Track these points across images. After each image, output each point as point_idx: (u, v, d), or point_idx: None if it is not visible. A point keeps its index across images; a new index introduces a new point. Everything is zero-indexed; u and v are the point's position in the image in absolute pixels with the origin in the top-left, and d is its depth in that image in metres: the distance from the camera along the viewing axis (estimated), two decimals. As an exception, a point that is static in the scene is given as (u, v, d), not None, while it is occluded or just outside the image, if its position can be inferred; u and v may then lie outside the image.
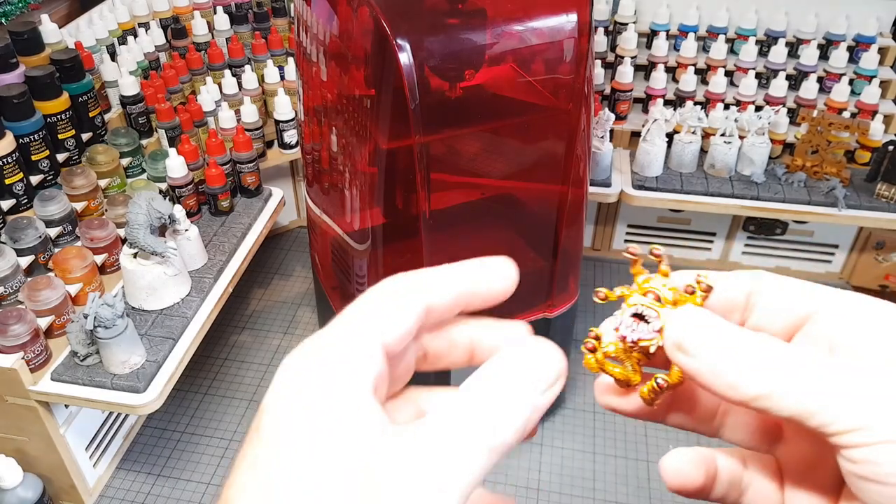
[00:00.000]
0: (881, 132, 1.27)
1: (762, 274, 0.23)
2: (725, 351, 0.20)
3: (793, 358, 0.19)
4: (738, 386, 0.19)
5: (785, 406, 0.19)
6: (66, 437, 0.93)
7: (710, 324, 0.21)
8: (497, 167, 0.91)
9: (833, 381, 0.18)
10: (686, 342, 0.20)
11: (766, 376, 0.19)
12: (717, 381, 0.20)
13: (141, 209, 0.89)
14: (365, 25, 0.79)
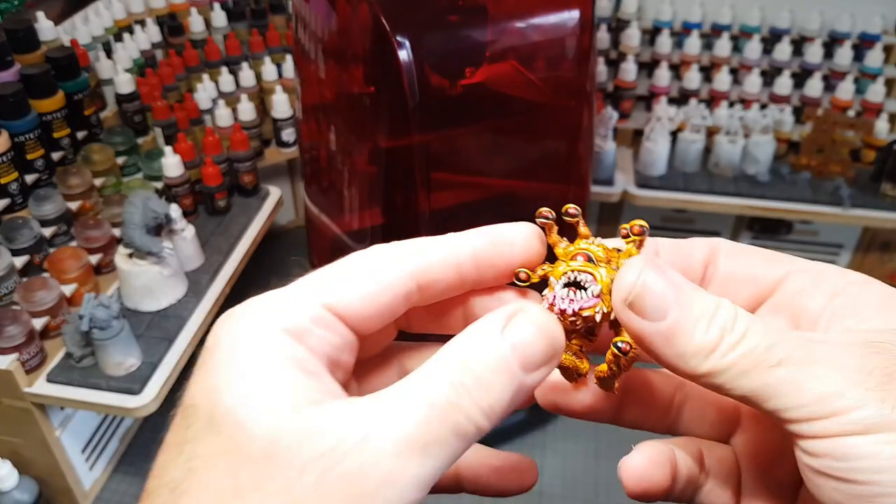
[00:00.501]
0: (886, 131, 1.25)
1: (719, 241, 0.21)
2: (681, 312, 0.17)
3: (756, 332, 0.17)
4: (690, 358, 0.17)
5: (738, 385, 0.17)
6: (62, 440, 0.92)
7: (666, 278, 0.18)
8: (498, 166, 0.89)
9: (793, 359, 0.16)
10: (638, 298, 0.18)
11: (724, 349, 0.17)
12: (667, 349, 0.17)
13: (137, 209, 0.88)
14: (364, 22, 0.77)
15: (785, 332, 0.17)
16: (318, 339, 0.18)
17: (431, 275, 0.19)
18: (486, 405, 0.16)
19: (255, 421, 0.16)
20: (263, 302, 0.18)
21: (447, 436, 0.16)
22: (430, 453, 0.16)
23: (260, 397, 0.16)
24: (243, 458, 0.15)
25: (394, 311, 0.19)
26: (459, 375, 0.16)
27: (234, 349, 0.17)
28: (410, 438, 0.16)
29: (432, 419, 0.16)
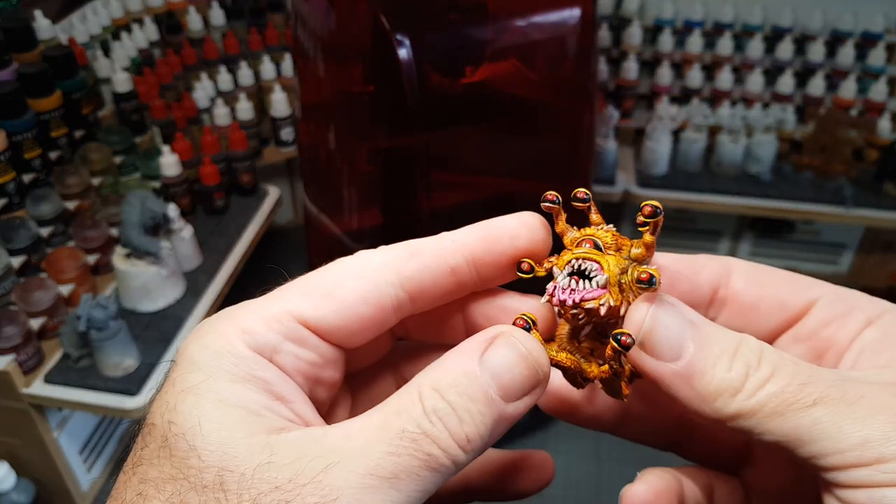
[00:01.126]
0: (889, 130, 1.25)
1: (732, 261, 0.19)
2: (699, 349, 0.16)
3: (786, 370, 0.15)
4: (714, 400, 0.16)
5: (770, 429, 0.15)
6: (60, 441, 0.92)
7: (678, 314, 0.16)
8: (499, 166, 0.89)
9: (831, 399, 0.15)
10: (649, 337, 0.16)
11: (752, 389, 0.15)
12: (688, 390, 0.16)
13: (134, 208, 0.87)
14: (363, 20, 0.77)
15: (818, 370, 0.16)
16: (290, 358, 0.17)
17: (422, 282, 0.18)
18: (462, 437, 0.15)
19: (207, 448, 0.15)
20: (233, 316, 0.17)
21: (418, 468, 0.15)
22: (398, 487, 0.15)
23: (215, 422, 0.15)
24: (193, 486, 0.14)
25: (381, 323, 0.18)
26: (433, 403, 0.15)
27: (196, 368, 0.16)
28: (377, 471, 0.15)
29: (402, 450, 0.15)
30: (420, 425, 0.15)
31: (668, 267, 0.19)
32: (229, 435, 0.15)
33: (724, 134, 1.24)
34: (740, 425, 0.15)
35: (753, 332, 0.18)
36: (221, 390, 0.16)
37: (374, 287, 0.18)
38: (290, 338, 0.17)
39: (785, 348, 0.18)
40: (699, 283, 0.19)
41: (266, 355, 0.17)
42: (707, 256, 0.19)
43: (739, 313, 0.19)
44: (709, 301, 0.19)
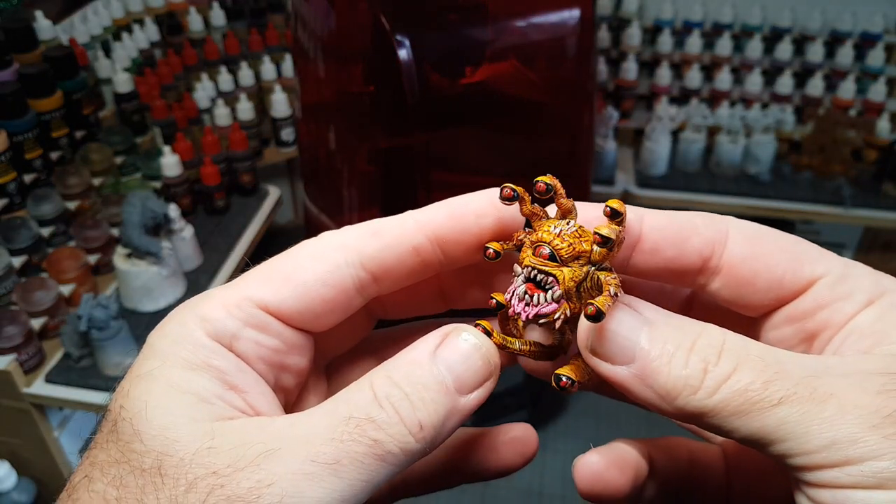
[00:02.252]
0: (888, 131, 1.25)
1: (728, 225, 0.17)
2: (652, 348, 0.15)
3: (749, 365, 0.14)
4: (673, 399, 0.15)
5: (735, 428, 0.14)
6: (61, 440, 0.92)
7: (630, 315, 0.15)
8: (498, 165, 0.89)
9: (797, 397, 0.14)
10: (599, 343, 0.16)
11: (712, 386, 0.14)
12: (646, 391, 0.15)
13: (135, 208, 0.88)
14: (363, 21, 0.77)
15: (786, 363, 0.15)
16: (251, 345, 0.17)
17: (384, 262, 0.18)
18: (414, 422, 0.15)
19: (150, 432, 0.15)
20: (195, 304, 0.17)
21: (362, 455, 0.14)
22: (340, 474, 0.14)
23: (160, 408, 0.15)
24: (133, 470, 0.15)
25: (344, 305, 0.18)
26: (385, 391, 0.15)
27: (153, 355, 0.16)
28: (318, 457, 0.14)
29: (346, 436, 0.15)
30: (367, 412, 0.15)
31: (655, 230, 0.18)
32: (173, 420, 0.15)
33: (724, 134, 1.24)
34: (705, 423, 0.15)
35: (746, 305, 0.18)
36: (173, 377, 0.16)
37: (334, 268, 0.17)
38: (251, 324, 0.17)
39: (775, 326, 0.18)
40: (686, 251, 0.17)
41: (225, 343, 0.16)
42: (703, 217, 0.18)
43: (732, 285, 0.17)
44: (698, 269, 0.18)
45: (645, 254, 0.18)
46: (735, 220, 0.18)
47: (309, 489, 0.14)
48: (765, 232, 0.18)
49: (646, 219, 0.18)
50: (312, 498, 0.14)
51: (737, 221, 0.18)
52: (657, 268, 0.18)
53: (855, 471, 0.13)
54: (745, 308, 0.18)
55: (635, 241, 0.18)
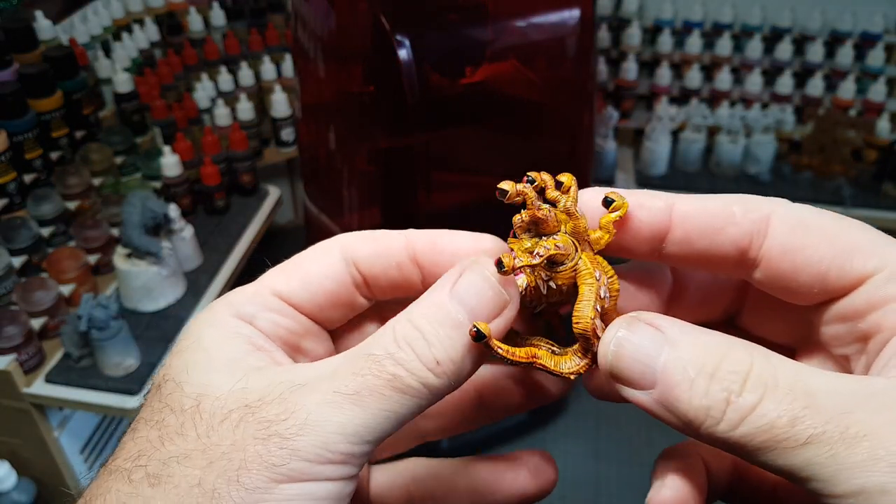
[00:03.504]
0: (888, 131, 1.25)
1: (773, 207, 0.16)
2: (673, 372, 0.14)
3: (776, 397, 0.13)
4: (697, 428, 0.14)
5: (763, 462, 0.13)
6: (61, 440, 0.92)
7: (653, 338, 0.15)
8: (498, 166, 0.89)
9: (826, 437, 0.13)
10: (617, 369, 0.15)
11: (735, 419, 0.13)
12: (672, 418, 0.14)
13: (135, 208, 0.88)
14: (363, 20, 0.77)
15: (818, 394, 0.13)
16: (267, 322, 0.19)
17: (373, 267, 0.19)
18: (430, 358, 0.16)
19: (190, 382, 0.17)
20: (224, 297, 0.19)
21: (382, 388, 0.15)
22: (361, 404, 0.15)
23: (199, 366, 0.17)
24: (173, 411, 0.16)
25: (347, 300, 0.19)
26: (403, 332, 0.16)
27: (189, 335, 0.18)
28: (340, 388, 0.15)
29: (366, 370, 0.16)
30: (386, 349, 0.16)
31: (687, 219, 0.17)
32: (211, 372, 0.17)
33: (724, 134, 1.24)
34: (733, 453, 0.14)
35: (791, 297, 0.16)
36: (208, 344, 0.18)
37: (334, 262, 0.19)
38: (267, 307, 0.19)
39: (828, 322, 0.16)
40: (720, 242, 0.16)
41: (246, 321, 0.18)
42: (742, 203, 0.16)
43: (774, 278, 0.16)
44: (735, 261, 0.16)
45: (676, 244, 0.17)
46: (781, 203, 0.16)
47: (332, 415, 0.15)
48: (812, 219, 0.16)
49: (677, 206, 0.17)
50: (335, 422, 0.15)
51: (782, 205, 0.16)
52: (691, 258, 0.17)
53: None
54: (793, 299, 0.16)
55: (665, 232, 0.17)
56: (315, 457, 0.15)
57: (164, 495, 0.15)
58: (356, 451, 0.15)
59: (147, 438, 0.16)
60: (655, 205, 0.17)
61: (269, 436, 0.15)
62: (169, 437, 0.16)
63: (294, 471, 0.15)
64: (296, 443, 0.15)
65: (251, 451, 0.15)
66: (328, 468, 0.15)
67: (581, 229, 0.18)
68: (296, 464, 0.15)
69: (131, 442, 0.16)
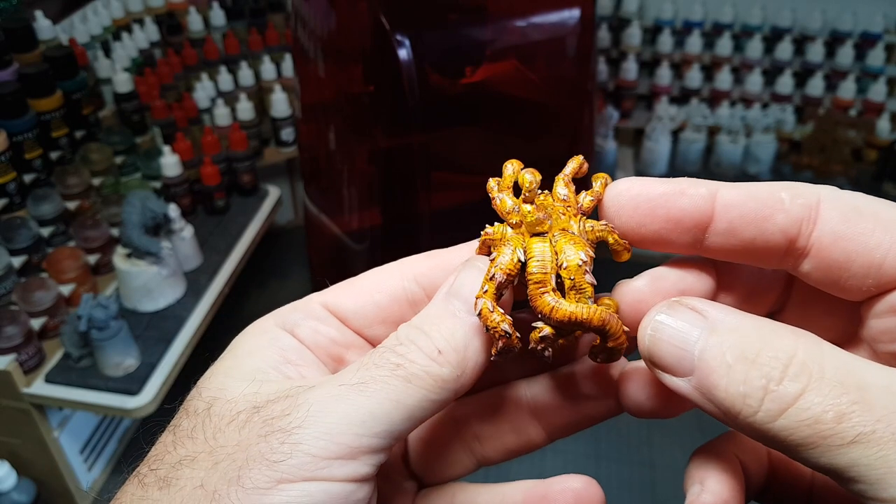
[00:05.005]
0: (888, 131, 1.25)
1: (820, 193, 0.15)
2: (711, 358, 0.13)
3: (822, 389, 0.12)
4: (735, 417, 0.13)
5: (803, 459, 0.13)
6: (61, 441, 0.92)
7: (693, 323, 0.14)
8: (498, 166, 0.89)
9: (876, 436, 0.12)
10: (654, 355, 0.14)
11: (774, 410, 0.13)
12: (709, 406, 0.14)
13: (135, 208, 0.88)
14: (363, 21, 0.77)
15: (870, 388, 0.12)
16: (308, 330, 0.19)
17: (434, 279, 0.19)
18: (431, 349, 0.16)
19: (207, 387, 0.17)
20: (279, 309, 0.20)
21: (386, 376, 0.16)
22: (366, 392, 0.15)
23: (221, 374, 0.17)
24: (188, 415, 0.17)
25: (397, 314, 0.19)
26: (405, 332, 0.17)
27: (233, 342, 0.19)
28: (346, 381, 0.16)
29: (370, 363, 0.16)
30: (390, 344, 0.17)
31: (731, 207, 0.15)
32: (230, 378, 0.17)
33: (724, 134, 1.24)
34: (772, 446, 0.13)
35: (842, 289, 0.15)
36: (240, 353, 0.18)
37: (389, 276, 0.19)
38: (311, 316, 0.19)
39: (878, 315, 0.15)
40: (768, 231, 0.15)
41: (288, 329, 0.19)
42: (791, 189, 0.15)
43: (824, 268, 0.15)
44: (783, 251, 0.15)
45: (720, 235, 0.16)
46: (831, 189, 0.15)
47: (336, 405, 0.15)
48: (866, 204, 0.15)
49: (721, 194, 0.16)
50: (339, 412, 0.15)
51: (832, 192, 0.15)
52: (735, 249, 0.16)
53: None
54: (842, 293, 0.15)
55: (707, 222, 0.16)
56: (319, 450, 0.14)
57: (169, 498, 0.15)
58: (364, 444, 0.15)
59: (163, 443, 0.17)
60: (698, 192, 0.15)
61: (271, 432, 0.15)
62: (181, 441, 0.16)
63: (297, 467, 0.14)
64: (298, 436, 0.14)
65: (254, 449, 0.15)
66: (335, 465, 0.14)
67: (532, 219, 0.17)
68: (299, 459, 0.14)
69: (153, 447, 0.17)
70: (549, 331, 0.16)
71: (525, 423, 0.20)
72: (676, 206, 0.16)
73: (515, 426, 0.20)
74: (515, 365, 0.20)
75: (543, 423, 0.20)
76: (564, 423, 0.20)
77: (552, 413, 0.20)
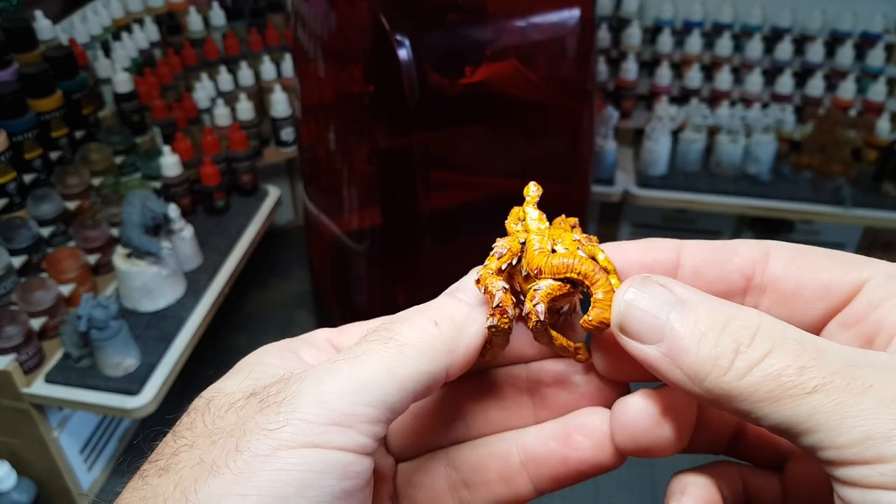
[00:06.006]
0: (888, 131, 1.25)
1: (770, 245, 0.17)
2: (683, 326, 0.15)
3: (785, 349, 0.14)
4: (702, 380, 0.14)
5: (766, 415, 0.14)
6: (60, 441, 0.92)
7: (664, 296, 0.15)
8: (498, 166, 0.89)
9: (834, 386, 0.13)
10: (626, 320, 0.16)
11: (743, 368, 0.14)
12: (674, 372, 0.15)
13: (135, 208, 0.88)
14: (363, 21, 0.77)
15: (826, 350, 0.14)
16: (310, 356, 0.19)
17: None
18: (425, 320, 0.17)
19: (209, 390, 0.18)
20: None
21: (380, 349, 0.16)
22: (359, 364, 0.16)
23: (222, 379, 0.18)
24: (188, 412, 0.17)
25: None
26: (401, 314, 0.18)
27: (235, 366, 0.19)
28: (340, 357, 0.16)
29: (363, 340, 0.17)
30: (385, 324, 0.17)
31: (695, 254, 0.18)
32: (230, 378, 0.18)
33: (724, 134, 1.24)
34: (735, 408, 0.14)
35: (798, 321, 0.17)
36: (244, 366, 0.19)
37: None
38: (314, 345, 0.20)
39: (832, 336, 0.17)
40: (728, 271, 0.17)
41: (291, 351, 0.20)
42: (743, 242, 0.18)
43: (781, 301, 0.17)
44: (743, 289, 0.17)
45: (687, 279, 0.18)
46: (776, 242, 0.18)
47: (329, 377, 0.15)
48: (807, 247, 0.18)
49: (685, 247, 0.18)
50: (332, 382, 0.15)
51: (778, 242, 0.18)
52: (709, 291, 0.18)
53: (889, 469, 0.12)
54: (800, 324, 0.17)
55: (674, 269, 0.18)
56: (314, 416, 0.15)
57: (168, 481, 0.15)
58: (358, 412, 0.15)
59: (165, 441, 0.17)
60: (664, 245, 0.18)
61: (267, 406, 0.15)
62: (180, 434, 0.17)
63: (294, 434, 0.14)
64: (293, 405, 0.15)
65: (251, 423, 0.15)
66: (331, 431, 0.15)
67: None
68: (295, 426, 0.15)
69: (157, 445, 0.17)
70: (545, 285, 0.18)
71: (514, 474, 0.20)
72: (650, 257, 0.18)
73: (505, 476, 0.20)
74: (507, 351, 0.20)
75: (532, 474, 0.20)
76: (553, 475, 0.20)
77: (541, 464, 0.20)
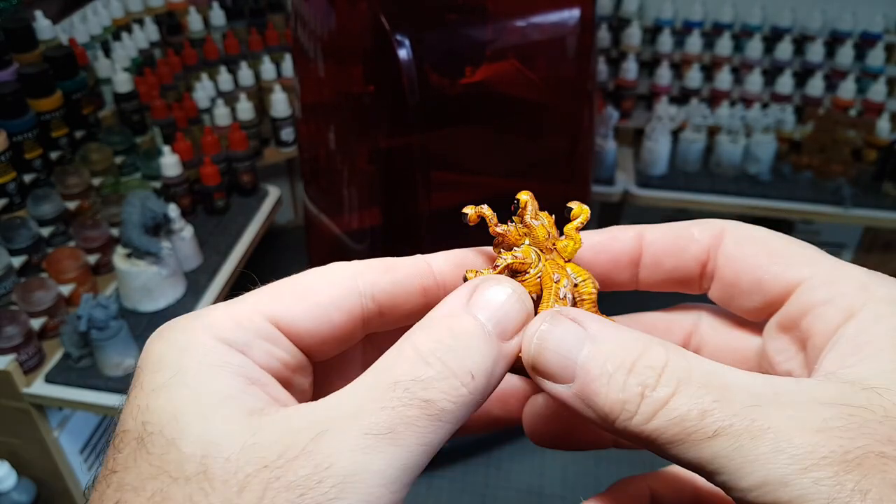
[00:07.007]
0: (888, 130, 1.25)
1: (724, 226, 0.17)
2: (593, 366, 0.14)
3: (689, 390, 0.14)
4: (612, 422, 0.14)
5: (675, 455, 0.14)
6: (61, 441, 0.92)
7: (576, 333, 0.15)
8: (498, 166, 0.89)
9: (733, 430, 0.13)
10: (538, 361, 0.15)
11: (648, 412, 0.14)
12: (588, 412, 0.15)
13: (135, 208, 0.88)
14: (363, 20, 0.77)
15: (731, 388, 0.14)
16: (263, 354, 0.16)
17: (394, 296, 0.17)
18: (463, 374, 0.15)
19: (186, 437, 0.14)
20: (198, 315, 0.16)
21: (417, 418, 0.14)
22: (398, 441, 0.14)
23: (191, 413, 0.14)
24: (175, 480, 0.13)
25: (349, 334, 0.17)
26: (428, 347, 0.15)
27: (163, 366, 0.15)
28: (372, 429, 0.14)
29: (396, 401, 0.14)
30: (414, 373, 0.14)
31: (654, 243, 0.18)
32: (208, 422, 0.14)
33: (724, 134, 1.24)
34: (647, 448, 0.14)
35: (739, 309, 0.17)
36: (193, 381, 0.15)
37: (348, 294, 0.17)
38: (262, 336, 0.16)
39: (771, 340, 0.17)
40: (685, 260, 0.18)
41: (239, 349, 0.16)
42: (700, 224, 0.18)
43: (723, 289, 0.17)
44: (699, 276, 0.18)
45: (648, 268, 0.18)
46: (733, 223, 0.18)
47: (369, 463, 0.13)
48: (757, 234, 0.17)
49: (645, 234, 0.18)
50: (373, 472, 0.13)
51: (734, 224, 0.18)
52: (663, 280, 0.18)
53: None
54: (743, 313, 0.18)
55: (637, 258, 0.18)
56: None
57: None
58: (396, 500, 0.14)
59: None
60: (626, 235, 0.18)
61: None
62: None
63: None
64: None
65: None
66: None
67: (541, 239, 0.19)
68: None
69: None
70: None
71: None
72: (612, 249, 0.18)
73: None
74: None
75: None
76: None
77: None
